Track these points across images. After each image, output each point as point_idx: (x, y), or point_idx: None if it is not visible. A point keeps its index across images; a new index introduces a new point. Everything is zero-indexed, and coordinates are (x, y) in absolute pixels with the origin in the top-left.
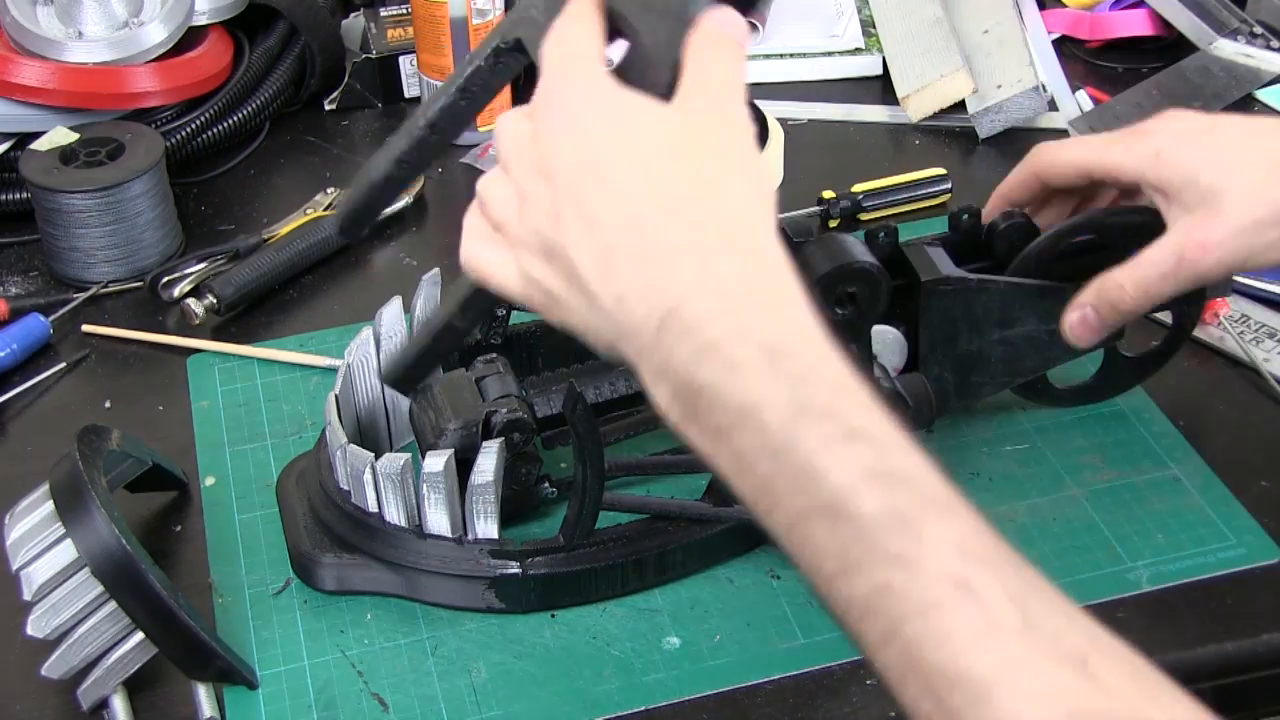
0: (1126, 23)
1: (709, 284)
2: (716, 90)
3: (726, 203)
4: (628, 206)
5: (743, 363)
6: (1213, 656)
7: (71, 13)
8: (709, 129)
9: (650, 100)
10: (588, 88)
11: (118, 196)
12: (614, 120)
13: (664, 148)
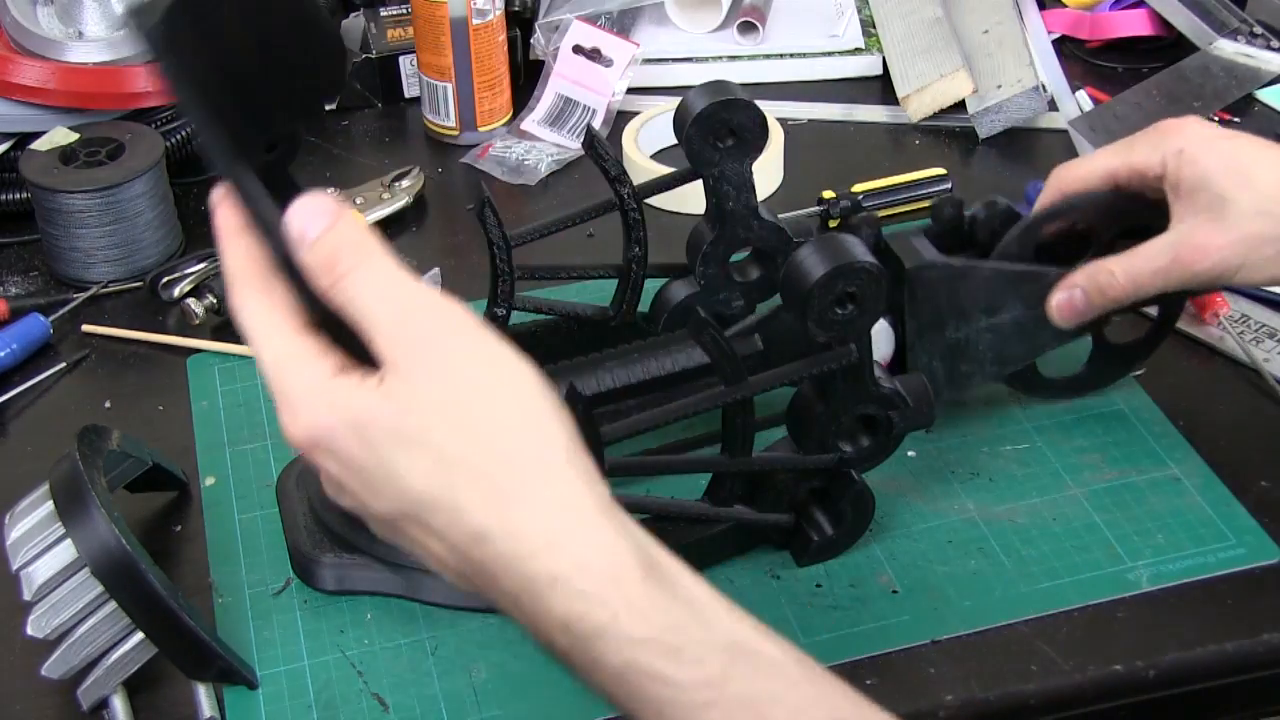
0: (1126, 23)
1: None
2: (383, 315)
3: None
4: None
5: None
6: (1213, 656)
7: (71, 13)
8: (431, 386)
9: (358, 386)
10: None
11: (118, 196)
12: (350, 431)
13: (391, 438)
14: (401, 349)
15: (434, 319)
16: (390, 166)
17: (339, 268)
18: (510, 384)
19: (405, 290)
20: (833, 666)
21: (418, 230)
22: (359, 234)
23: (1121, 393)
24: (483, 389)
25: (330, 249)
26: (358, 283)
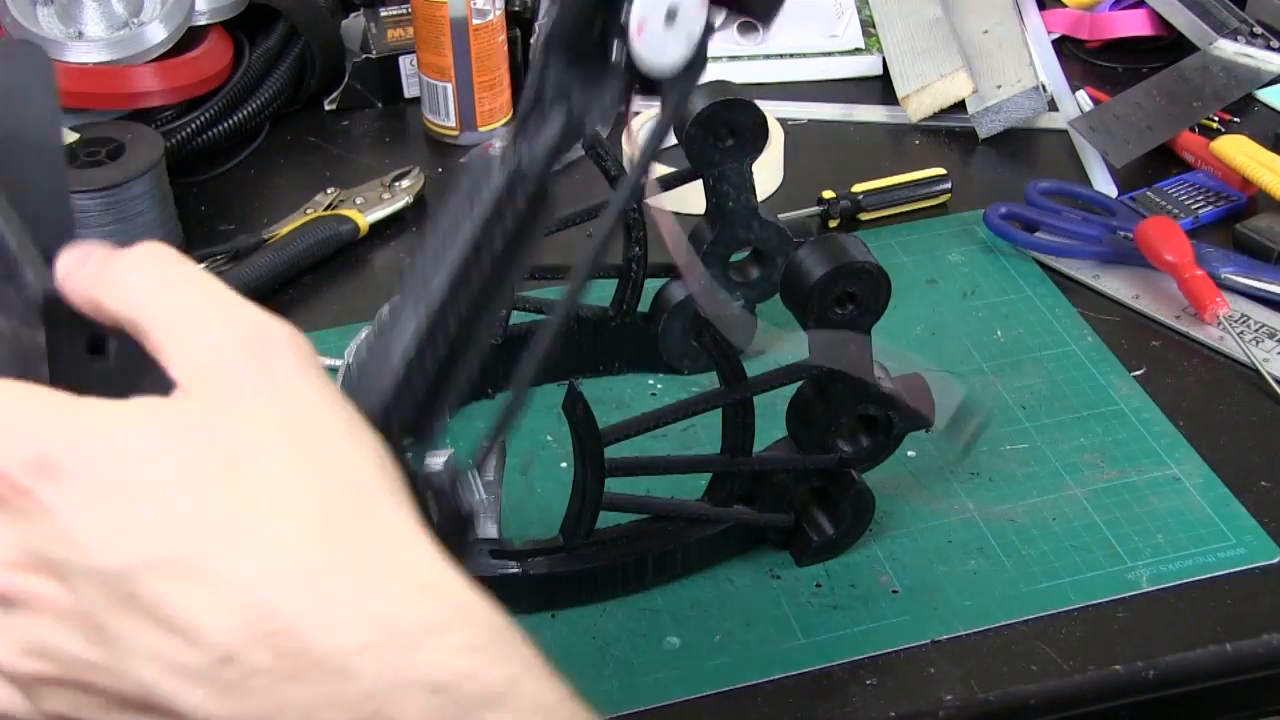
0: (1126, 23)
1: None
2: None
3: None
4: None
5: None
6: (1213, 656)
7: (71, 13)
8: (234, 418)
9: (143, 406)
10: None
11: (118, 196)
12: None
13: (175, 473)
14: (198, 370)
15: (253, 339)
16: (390, 166)
17: (147, 258)
18: (344, 425)
19: (218, 294)
20: (833, 666)
21: (418, 230)
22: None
23: (1121, 393)
24: (313, 419)
25: (139, 252)
26: (159, 274)
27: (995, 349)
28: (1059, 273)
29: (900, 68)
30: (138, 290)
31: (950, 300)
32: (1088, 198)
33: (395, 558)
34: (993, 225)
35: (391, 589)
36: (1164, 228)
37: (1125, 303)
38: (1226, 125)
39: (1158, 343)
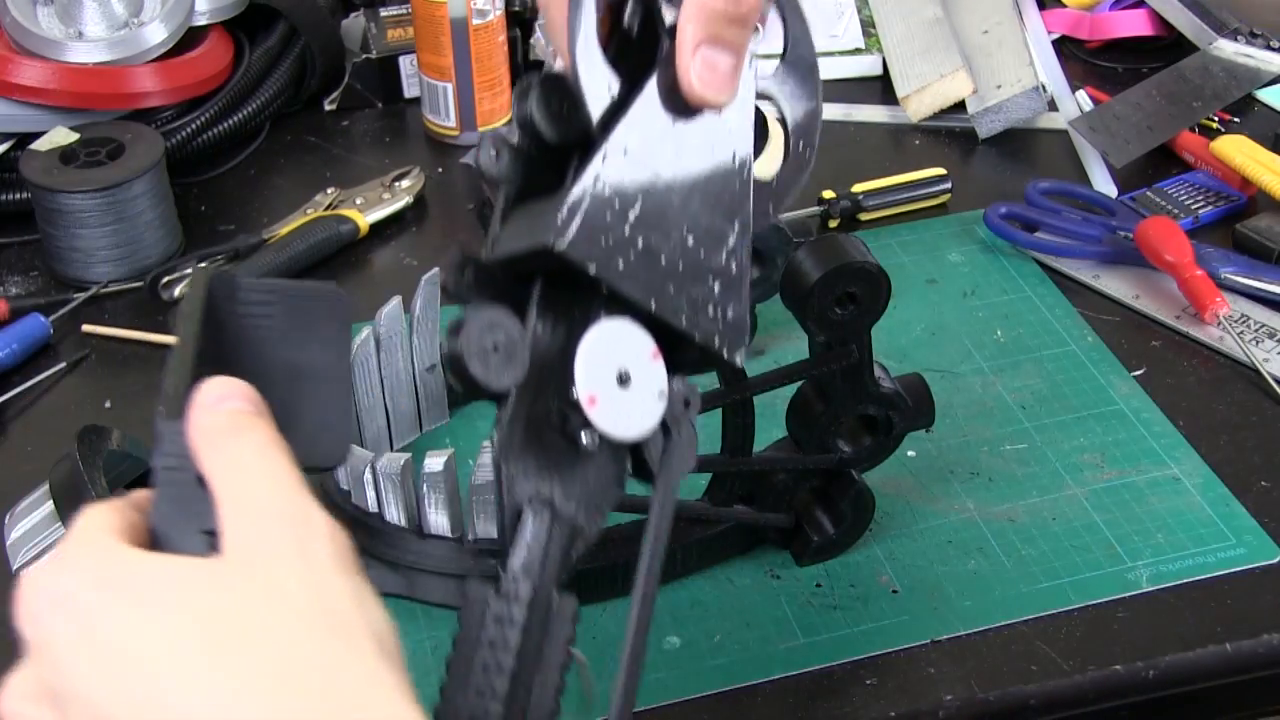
0: (1126, 23)
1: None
2: (261, 510)
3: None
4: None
5: None
6: (1213, 656)
7: (71, 13)
8: (264, 587)
9: (186, 565)
10: (98, 568)
11: (118, 196)
12: (134, 613)
13: (211, 639)
14: (241, 543)
15: (283, 523)
16: (390, 166)
17: (237, 433)
18: (357, 608)
19: (284, 483)
20: (833, 666)
21: (418, 230)
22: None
23: (1121, 393)
24: (335, 601)
25: (239, 419)
26: (240, 453)
27: (995, 349)
28: (1059, 273)
29: (900, 68)
30: (214, 453)
31: (950, 300)
32: (1088, 198)
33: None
34: (993, 225)
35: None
36: (1164, 228)
37: (1125, 303)
38: (1226, 125)
39: (1158, 343)
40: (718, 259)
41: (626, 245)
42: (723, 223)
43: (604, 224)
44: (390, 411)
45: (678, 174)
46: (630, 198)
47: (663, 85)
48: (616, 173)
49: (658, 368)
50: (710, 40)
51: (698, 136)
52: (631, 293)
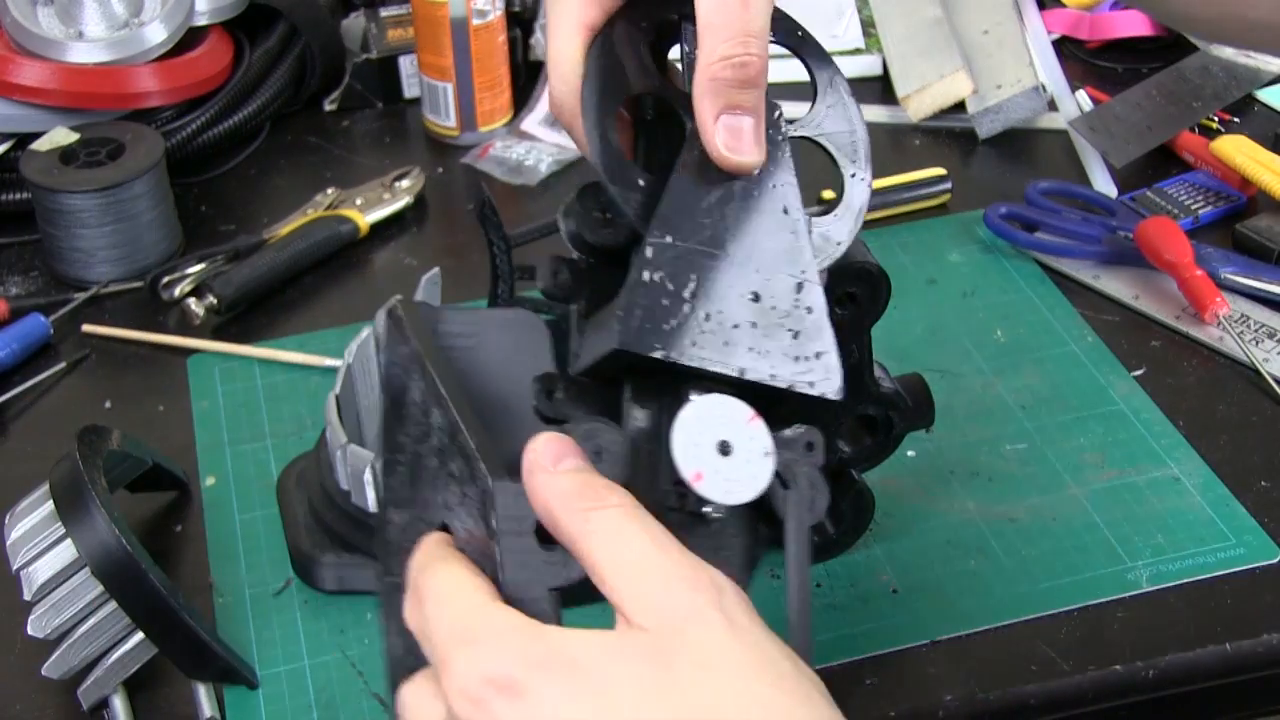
0: (1126, 23)
1: None
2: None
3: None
4: None
5: None
6: (1213, 656)
7: (71, 13)
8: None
9: (615, 639)
10: (526, 648)
11: (118, 196)
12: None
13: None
14: (658, 606)
15: (711, 588)
16: (390, 166)
17: (609, 498)
18: (790, 663)
19: (684, 551)
20: (833, 666)
21: (418, 230)
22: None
23: (1121, 393)
24: (761, 654)
25: (599, 482)
26: (629, 518)
27: (995, 349)
28: (1059, 273)
29: (900, 68)
30: (579, 521)
31: (950, 300)
32: (1088, 198)
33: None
34: (993, 225)
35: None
36: (1164, 228)
37: (1125, 303)
38: (1226, 125)
39: (1158, 343)
40: (786, 311)
41: (691, 322)
42: (784, 277)
43: (663, 309)
44: None
45: (727, 243)
46: (684, 278)
47: (692, 161)
48: (664, 258)
49: (757, 428)
50: (728, 109)
51: (739, 201)
52: (707, 366)
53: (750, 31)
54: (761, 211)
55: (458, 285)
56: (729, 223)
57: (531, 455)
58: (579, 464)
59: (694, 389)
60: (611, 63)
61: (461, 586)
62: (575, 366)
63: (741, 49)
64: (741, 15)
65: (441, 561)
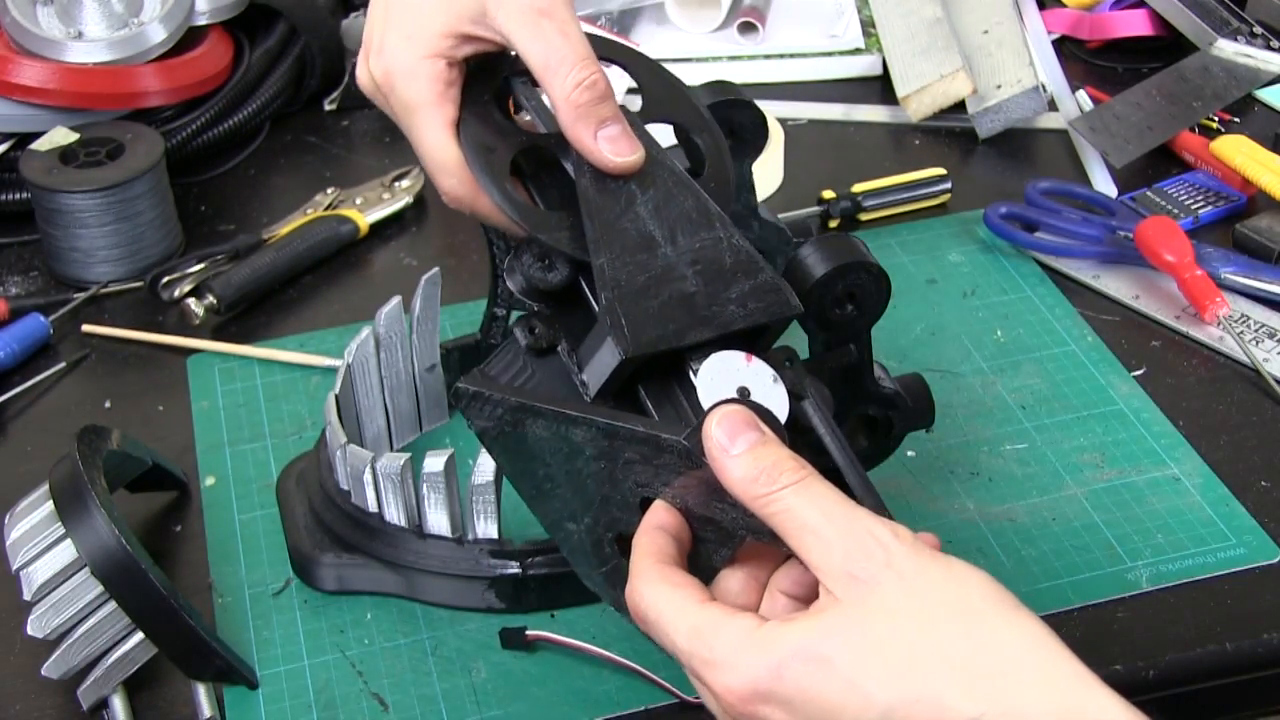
0: (1126, 23)
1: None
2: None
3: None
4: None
5: None
6: (1213, 656)
7: (71, 13)
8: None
9: (792, 623)
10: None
11: (118, 196)
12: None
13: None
14: (844, 575)
15: (884, 544)
16: (390, 166)
17: (781, 479)
18: (971, 583)
19: (850, 514)
20: None
21: (418, 230)
22: (791, 452)
23: (1121, 393)
24: (942, 592)
25: (769, 459)
26: (802, 497)
27: (995, 349)
28: (1059, 273)
29: (900, 68)
30: (773, 516)
31: (950, 300)
32: (1088, 198)
33: (1046, 691)
34: (993, 225)
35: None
36: (1164, 228)
37: (1125, 303)
38: (1226, 125)
39: (1158, 343)
40: (726, 259)
41: (663, 308)
42: (705, 233)
43: (639, 308)
44: (390, 411)
45: (653, 233)
46: (635, 276)
47: (589, 184)
48: (612, 274)
49: (757, 365)
50: (599, 124)
51: (641, 194)
52: (694, 339)
53: (582, 56)
54: (661, 190)
55: (458, 285)
56: (644, 216)
57: (710, 440)
58: (753, 437)
59: (692, 360)
60: (483, 141)
61: (675, 604)
62: (589, 394)
63: (584, 73)
64: (569, 47)
65: (647, 580)
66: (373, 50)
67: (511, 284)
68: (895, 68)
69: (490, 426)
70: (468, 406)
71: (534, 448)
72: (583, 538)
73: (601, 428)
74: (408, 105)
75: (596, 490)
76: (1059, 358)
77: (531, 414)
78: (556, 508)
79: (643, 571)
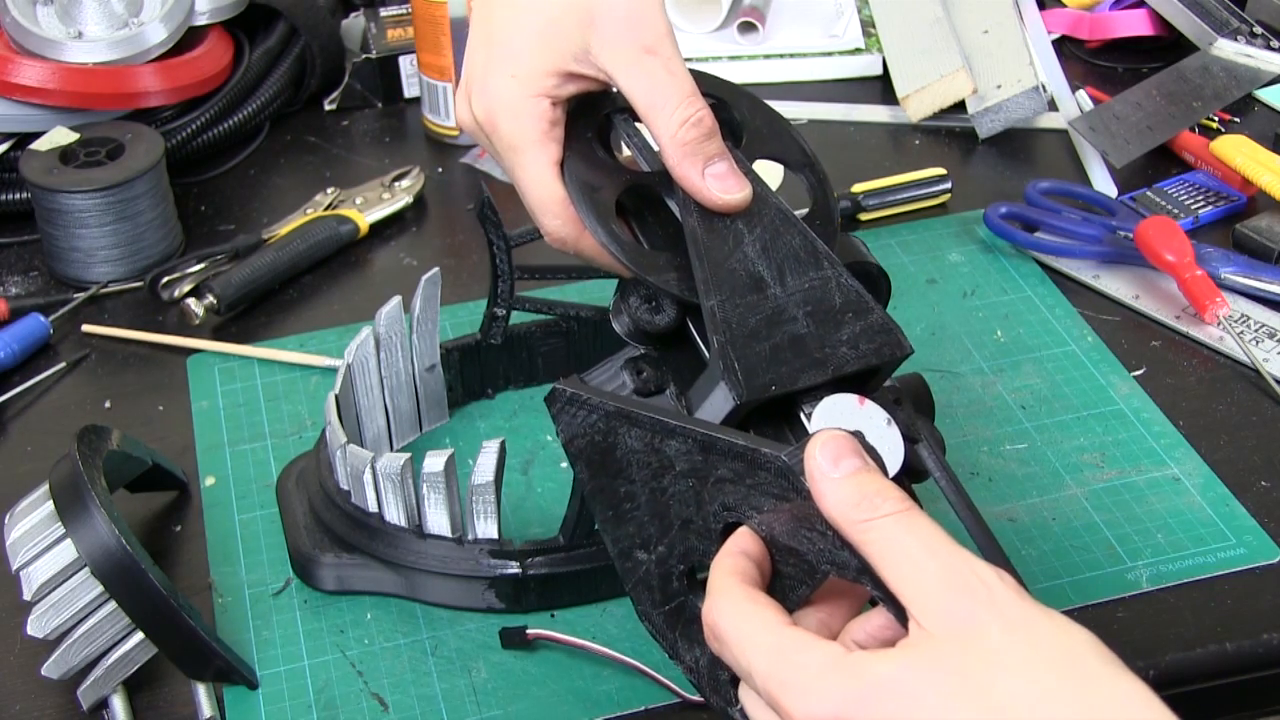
0: (1126, 23)
1: None
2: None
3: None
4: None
5: None
6: (1213, 656)
7: (71, 13)
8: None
9: (883, 656)
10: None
11: (118, 196)
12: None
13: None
14: (942, 611)
15: (988, 585)
16: (390, 166)
17: (884, 506)
18: (1081, 639)
19: (953, 550)
20: None
21: (418, 230)
22: (895, 484)
23: (1121, 393)
24: (1052, 645)
25: (872, 486)
26: (903, 526)
27: (995, 349)
28: (1059, 273)
29: (900, 68)
30: (870, 543)
31: (950, 300)
32: (1088, 198)
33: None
34: (993, 225)
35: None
36: (1164, 228)
37: (1125, 303)
38: (1226, 125)
39: (1158, 343)
40: (835, 300)
41: (775, 350)
42: (814, 272)
43: (751, 351)
44: (390, 411)
45: (760, 269)
46: (746, 318)
47: (695, 224)
48: (724, 316)
49: (870, 408)
50: (706, 162)
51: (749, 234)
52: (807, 383)
53: (687, 93)
54: (769, 229)
55: (458, 285)
56: (752, 256)
57: (813, 461)
58: (856, 464)
59: (804, 403)
60: (587, 180)
61: (758, 621)
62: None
63: (690, 110)
64: (674, 84)
65: (730, 597)
66: (475, 89)
67: (618, 326)
68: (895, 68)
69: (581, 433)
70: (561, 410)
71: (622, 461)
72: (651, 569)
73: (699, 439)
74: (512, 145)
75: (679, 513)
76: (1059, 358)
77: (628, 422)
78: (631, 533)
79: (726, 588)
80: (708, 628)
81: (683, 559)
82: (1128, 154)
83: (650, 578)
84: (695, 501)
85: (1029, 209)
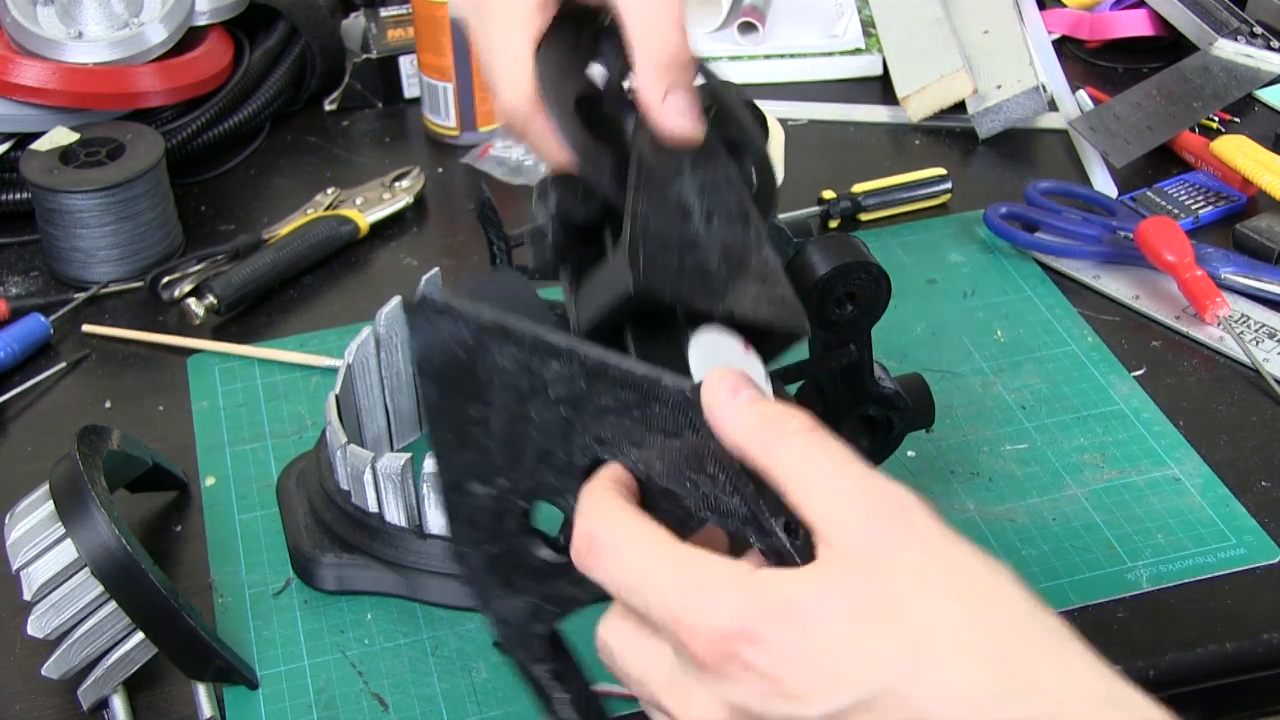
0: (1126, 23)
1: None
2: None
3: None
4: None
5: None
6: (1213, 656)
7: (72, 13)
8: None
9: (792, 572)
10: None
11: (118, 196)
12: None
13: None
14: (860, 528)
15: (906, 506)
16: (390, 166)
17: (791, 424)
18: (1001, 567)
19: (867, 470)
20: None
21: (418, 230)
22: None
23: (1121, 393)
24: (974, 569)
25: (777, 408)
26: (814, 444)
27: (995, 349)
28: (1059, 273)
29: (900, 68)
30: (779, 462)
31: (950, 300)
32: (1088, 198)
33: (1075, 682)
34: (993, 225)
35: (1077, 709)
36: (1164, 228)
37: (1125, 303)
38: (1226, 125)
39: (1158, 343)
40: (750, 260)
41: (681, 269)
42: (742, 229)
43: (659, 259)
44: (390, 411)
45: (692, 203)
46: (664, 230)
47: (645, 148)
48: (648, 223)
49: (754, 359)
50: (670, 88)
51: (689, 167)
52: (702, 306)
53: (681, 22)
54: (711, 178)
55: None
56: (688, 191)
57: (709, 391)
58: (754, 393)
59: (689, 329)
60: (559, 66)
61: (652, 536)
62: (582, 326)
63: (679, 36)
64: (671, 9)
65: (617, 512)
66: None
67: (539, 212)
68: (895, 68)
69: (442, 348)
70: (426, 321)
71: (484, 381)
72: (486, 503)
73: (588, 363)
74: (496, 8)
75: (539, 444)
76: (1059, 358)
77: (503, 338)
78: (471, 460)
79: (609, 501)
80: (584, 541)
81: (528, 495)
82: (1128, 154)
83: (481, 514)
84: (562, 432)
85: (1029, 209)
